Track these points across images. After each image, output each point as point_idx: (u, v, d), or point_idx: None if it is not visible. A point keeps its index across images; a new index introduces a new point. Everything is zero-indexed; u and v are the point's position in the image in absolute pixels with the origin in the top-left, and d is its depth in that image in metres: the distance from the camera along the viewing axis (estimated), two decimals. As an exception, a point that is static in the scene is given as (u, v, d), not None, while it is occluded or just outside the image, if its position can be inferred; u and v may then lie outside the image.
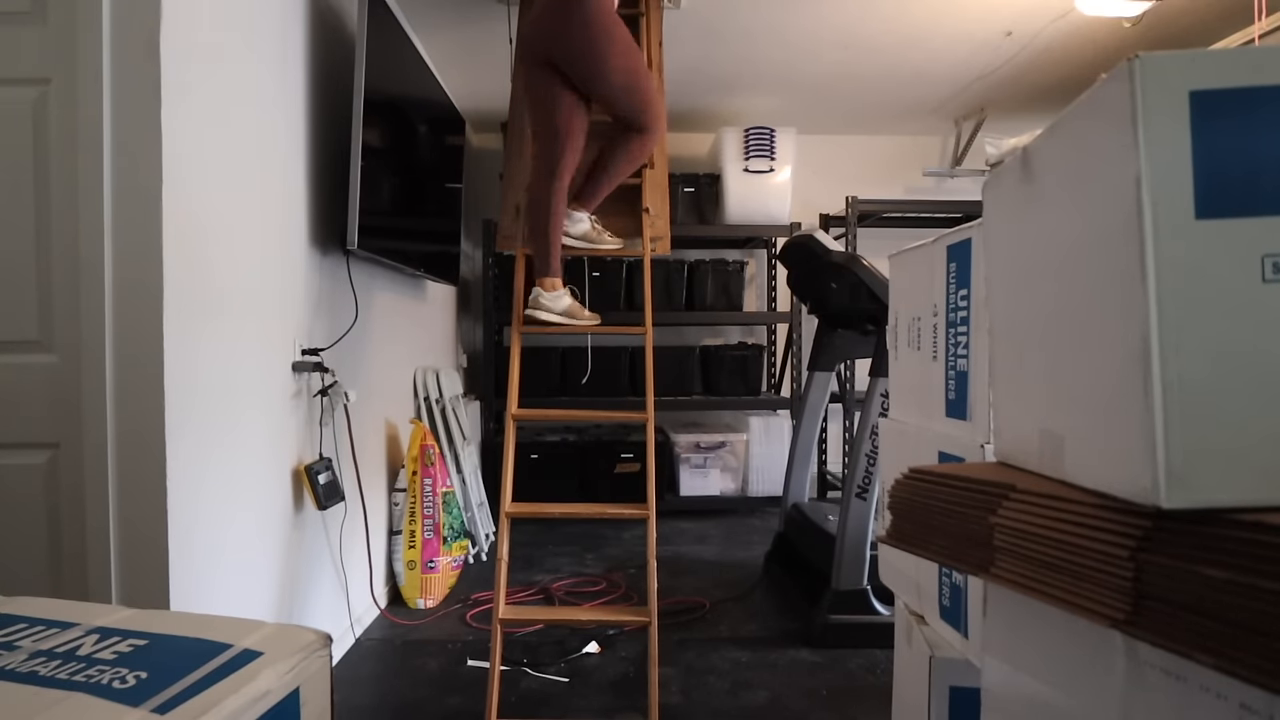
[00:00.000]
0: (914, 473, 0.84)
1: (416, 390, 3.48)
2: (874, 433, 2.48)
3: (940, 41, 3.35)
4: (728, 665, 2.37)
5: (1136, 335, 0.55)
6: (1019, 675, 0.77)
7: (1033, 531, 0.64)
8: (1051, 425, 0.71)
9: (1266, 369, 0.53)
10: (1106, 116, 0.59)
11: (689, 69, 3.62)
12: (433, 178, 3.33)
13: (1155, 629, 0.51)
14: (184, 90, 1.60)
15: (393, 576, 2.94)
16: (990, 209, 0.88)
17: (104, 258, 1.51)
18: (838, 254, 2.71)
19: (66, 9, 1.51)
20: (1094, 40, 3.31)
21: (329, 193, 2.42)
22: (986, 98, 4.09)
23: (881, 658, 2.38)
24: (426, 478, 2.93)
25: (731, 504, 4.32)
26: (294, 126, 2.20)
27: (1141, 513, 0.55)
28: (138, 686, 0.77)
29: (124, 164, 1.51)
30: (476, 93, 3.95)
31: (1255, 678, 0.44)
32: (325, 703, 0.91)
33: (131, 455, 1.53)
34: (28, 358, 1.54)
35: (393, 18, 2.73)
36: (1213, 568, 0.48)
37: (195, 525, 1.65)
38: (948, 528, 0.75)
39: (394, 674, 2.32)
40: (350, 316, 2.53)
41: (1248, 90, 0.54)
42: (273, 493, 2.04)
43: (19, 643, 0.87)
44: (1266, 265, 0.53)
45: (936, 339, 1.26)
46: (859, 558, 2.49)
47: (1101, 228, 0.60)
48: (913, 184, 4.78)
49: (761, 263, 4.79)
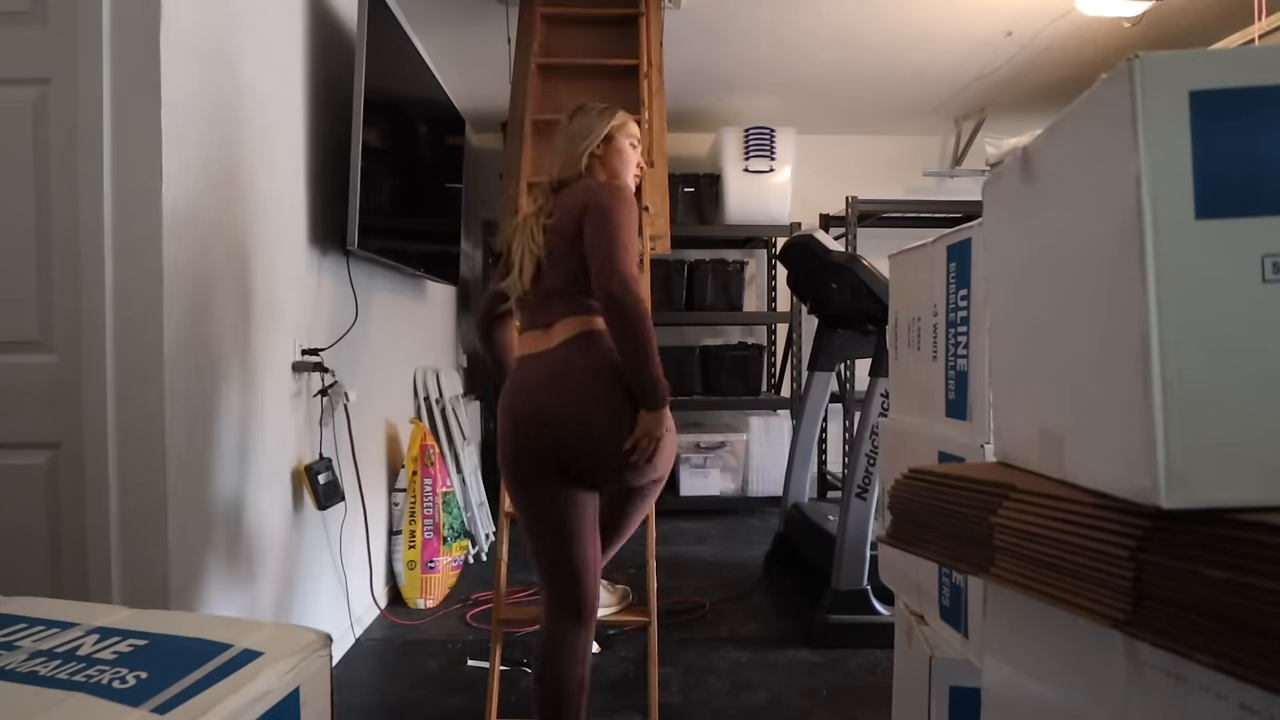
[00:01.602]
0: (914, 473, 0.83)
1: (416, 390, 3.48)
2: (874, 433, 2.48)
3: (940, 41, 3.35)
4: (728, 665, 2.36)
5: (1136, 335, 0.55)
6: (1019, 675, 0.77)
7: (1033, 531, 0.64)
8: (1051, 425, 0.71)
9: (1266, 369, 0.53)
10: (1106, 116, 0.59)
11: (689, 69, 3.61)
12: (433, 178, 3.33)
13: (1155, 629, 0.51)
14: (184, 90, 1.60)
15: (393, 576, 2.94)
16: (990, 209, 0.88)
17: (104, 258, 1.51)
18: (838, 254, 2.71)
19: (66, 9, 1.51)
20: (1094, 40, 3.31)
21: (329, 193, 2.42)
22: (986, 98, 4.09)
23: (881, 658, 2.38)
24: (426, 478, 2.93)
25: (731, 504, 4.32)
26: (294, 126, 2.20)
27: (1141, 512, 0.55)
28: (138, 686, 0.77)
29: (124, 164, 1.51)
30: (476, 93, 3.95)
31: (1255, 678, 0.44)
32: (325, 703, 0.91)
33: (131, 455, 1.53)
34: (28, 358, 1.54)
35: (393, 18, 2.73)
36: (1213, 567, 0.48)
37: (195, 525, 1.65)
38: (948, 528, 0.75)
39: (394, 674, 2.32)
40: (350, 316, 2.53)
41: (1248, 90, 0.54)
42: (273, 493, 2.03)
43: (19, 643, 0.87)
44: (1266, 265, 0.53)
45: (936, 339, 1.26)
46: (859, 558, 2.49)
47: (1101, 228, 0.60)
48: (913, 184, 4.78)
49: (761, 263, 4.79)
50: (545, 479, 1.55)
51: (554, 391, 1.53)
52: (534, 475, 1.55)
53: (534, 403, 1.54)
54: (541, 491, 1.56)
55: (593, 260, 1.51)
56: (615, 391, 1.52)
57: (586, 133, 1.68)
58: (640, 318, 1.47)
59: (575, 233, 1.55)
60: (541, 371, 1.56)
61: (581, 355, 1.55)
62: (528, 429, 1.54)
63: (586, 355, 1.55)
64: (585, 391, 1.52)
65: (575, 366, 1.54)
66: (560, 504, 1.55)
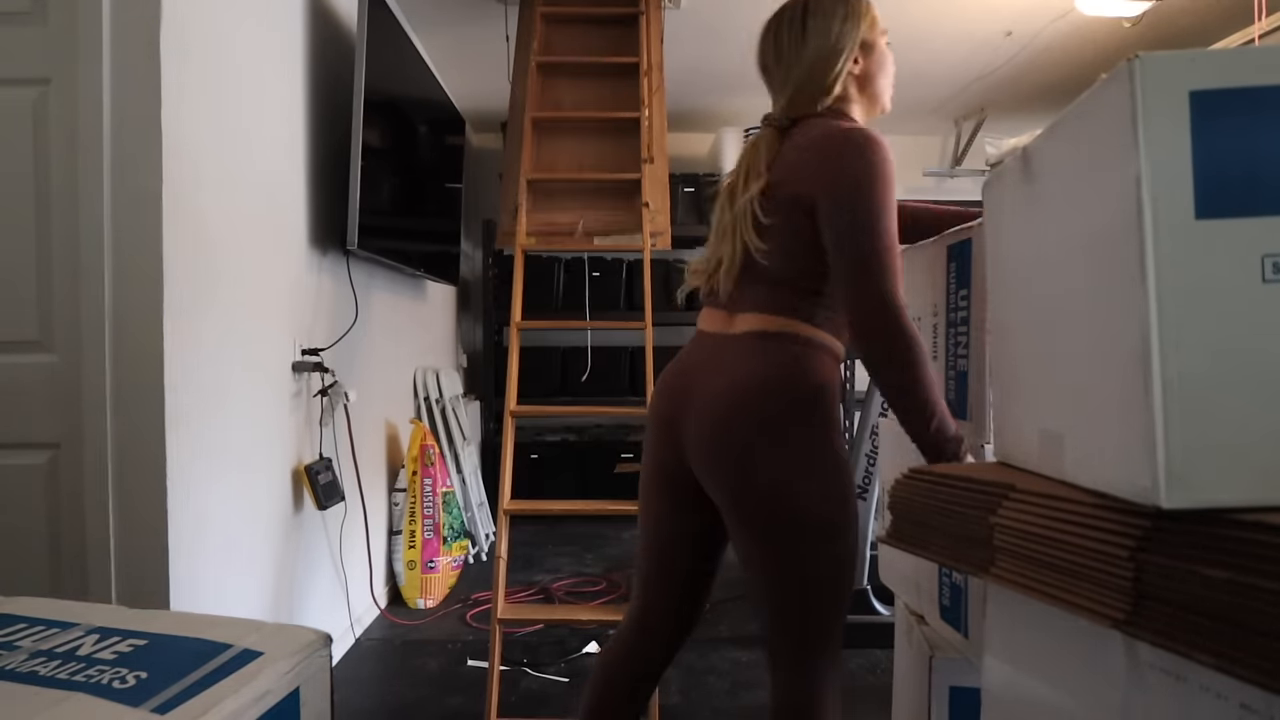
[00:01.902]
0: (914, 473, 0.84)
1: (416, 390, 3.48)
2: (874, 433, 2.48)
3: (940, 42, 3.35)
4: (728, 665, 2.36)
5: (1136, 335, 0.55)
6: (1019, 675, 0.77)
7: (1033, 531, 0.64)
8: (1051, 425, 0.71)
9: (1266, 369, 0.53)
10: (1106, 116, 0.59)
11: (689, 69, 3.61)
12: (433, 178, 3.33)
13: (1155, 629, 0.51)
14: (184, 90, 1.60)
15: (393, 576, 2.94)
16: (990, 209, 0.88)
17: (104, 258, 1.51)
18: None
19: (66, 9, 1.51)
20: (1094, 40, 3.31)
21: (329, 193, 2.42)
22: (986, 98, 4.09)
23: (881, 658, 2.37)
24: (426, 478, 2.93)
25: (731, 504, 4.32)
26: (294, 126, 2.20)
27: (1141, 512, 0.55)
28: (138, 686, 0.77)
29: (124, 164, 1.51)
30: (476, 93, 3.94)
31: (1255, 678, 0.44)
32: (325, 703, 0.91)
33: (131, 455, 1.53)
34: (28, 358, 1.54)
35: (393, 18, 2.73)
36: (1212, 568, 0.48)
37: (195, 525, 1.65)
38: (948, 528, 0.75)
39: (394, 674, 2.32)
40: (350, 316, 2.53)
41: (1248, 90, 0.54)
42: (273, 493, 2.03)
43: (19, 643, 0.87)
44: (1266, 265, 0.53)
45: (936, 339, 1.26)
46: (859, 558, 2.49)
47: (1101, 227, 0.60)
48: (913, 184, 4.78)
49: (761, 263, 4.79)
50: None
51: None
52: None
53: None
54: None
55: (838, 261, 1.08)
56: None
57: (838, 42, 1.18)
58: (912, 357, 1.04)
59: (809, 209, 1.11)
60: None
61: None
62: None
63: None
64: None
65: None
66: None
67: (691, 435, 1.17)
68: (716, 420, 1.14)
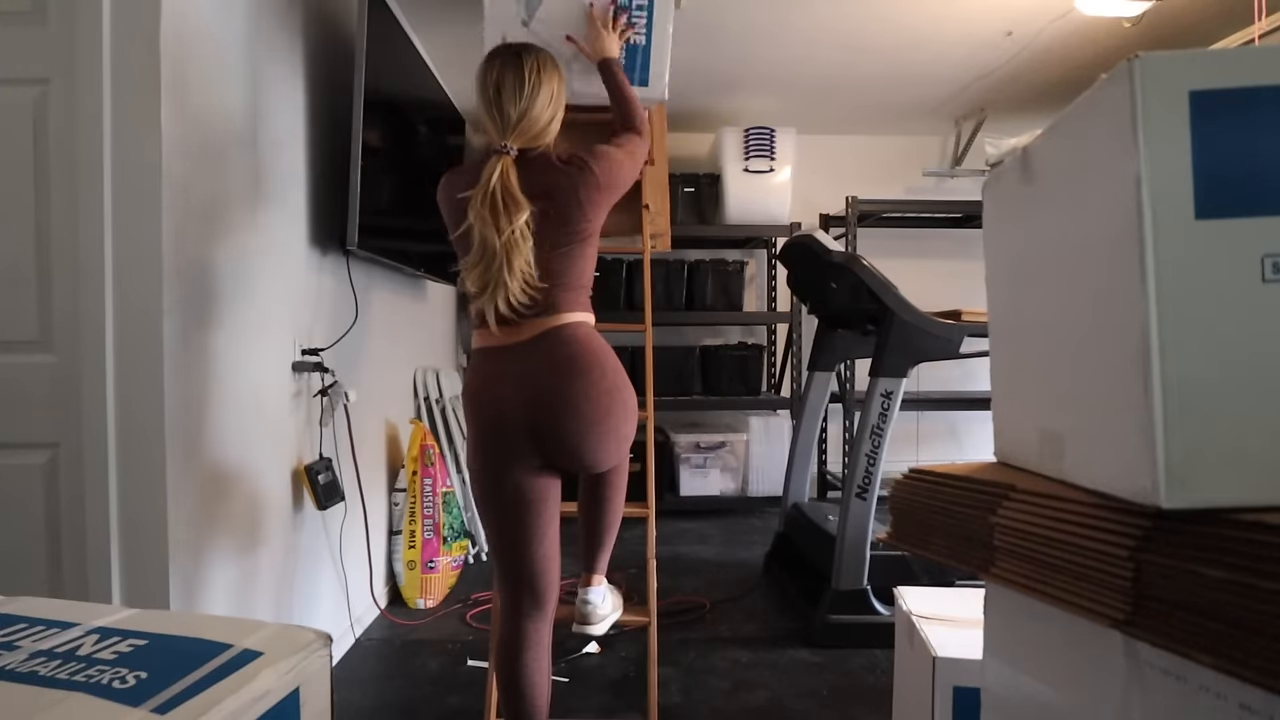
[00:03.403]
0: (914, 473, 0.84)
1: (416, 390, 3.48)
2: (874, 433, 2.48)
3: (940, 42, 3.35)
4: (728, 665, 2.36)
5: (1136, 335, 0.55)
6: (1019, 675, 0.77)
7: (1033, 531, 0.64)
8: (1051, 425, 0.71)
9: (1266, 369, 0.53)
10: (1106, 116, 0.59)
11: (689, 69, 3.61)
12: (433, 177, 3.32)
13: (1155, 629, 0.51)
14: (184, 89, 1.60)
15: (393, 576, 2.94)
16: (990, 209, 0.88)
17: (104, 258, 1.51)
18: (838, 254, 2.71)
19: (66, 9, 1.51)
20: (1094, 40, 3.31)
21: (329, 192, 2.42)
22: (986, 98, 4.09)
23: (882, 658, 2.37)
24: (426, 478, 2.93)
25: (731, 504, 4.32)
26: (294, 126, 2.20)
27: (1141, 513, 0.55)
28: (138, 686, 0.77)
29: (124, 164, 1.51)
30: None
31: (1255, 678, 0.44)
32: (325, 703, 0.91)
33: (131, 455, 1.53)
34: (28, 358, 1.54)
35: (393, 18, 2.73)
36: (1212, 567, 0.48)
37: (195, 525, 1.65)
38: (948, 528, 0.75)
39: (394, 674, 2.32)
40: (350, 316, 2.53)
41: (1247, 90, 0.54)
42: (272, 493, 2.03)
43: (19, 643, 0.87)
44: (1266, 265, 0.53)
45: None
46: (859, 558, 2.49)
47: (1101, 228, 0.60)
48: (913, 184, 4.78)
49: (761, 263, 4.79)
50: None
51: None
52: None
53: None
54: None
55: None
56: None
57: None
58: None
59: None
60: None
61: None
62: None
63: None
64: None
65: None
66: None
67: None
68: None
